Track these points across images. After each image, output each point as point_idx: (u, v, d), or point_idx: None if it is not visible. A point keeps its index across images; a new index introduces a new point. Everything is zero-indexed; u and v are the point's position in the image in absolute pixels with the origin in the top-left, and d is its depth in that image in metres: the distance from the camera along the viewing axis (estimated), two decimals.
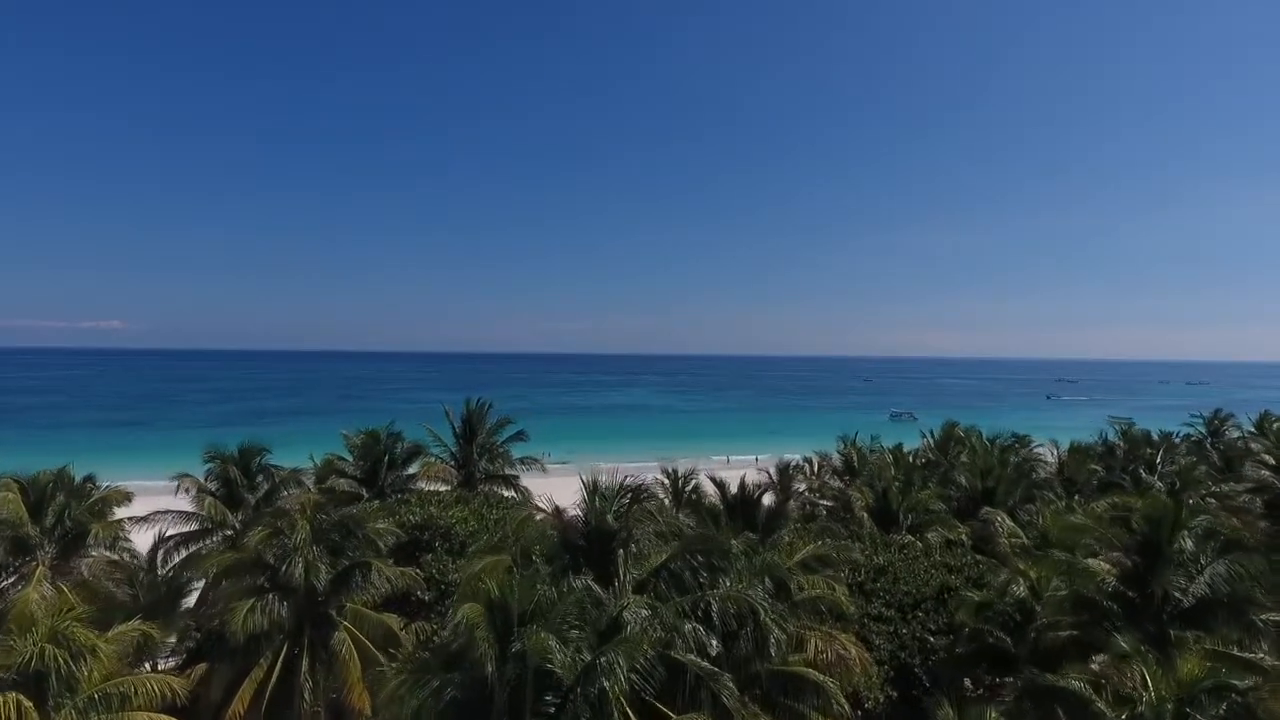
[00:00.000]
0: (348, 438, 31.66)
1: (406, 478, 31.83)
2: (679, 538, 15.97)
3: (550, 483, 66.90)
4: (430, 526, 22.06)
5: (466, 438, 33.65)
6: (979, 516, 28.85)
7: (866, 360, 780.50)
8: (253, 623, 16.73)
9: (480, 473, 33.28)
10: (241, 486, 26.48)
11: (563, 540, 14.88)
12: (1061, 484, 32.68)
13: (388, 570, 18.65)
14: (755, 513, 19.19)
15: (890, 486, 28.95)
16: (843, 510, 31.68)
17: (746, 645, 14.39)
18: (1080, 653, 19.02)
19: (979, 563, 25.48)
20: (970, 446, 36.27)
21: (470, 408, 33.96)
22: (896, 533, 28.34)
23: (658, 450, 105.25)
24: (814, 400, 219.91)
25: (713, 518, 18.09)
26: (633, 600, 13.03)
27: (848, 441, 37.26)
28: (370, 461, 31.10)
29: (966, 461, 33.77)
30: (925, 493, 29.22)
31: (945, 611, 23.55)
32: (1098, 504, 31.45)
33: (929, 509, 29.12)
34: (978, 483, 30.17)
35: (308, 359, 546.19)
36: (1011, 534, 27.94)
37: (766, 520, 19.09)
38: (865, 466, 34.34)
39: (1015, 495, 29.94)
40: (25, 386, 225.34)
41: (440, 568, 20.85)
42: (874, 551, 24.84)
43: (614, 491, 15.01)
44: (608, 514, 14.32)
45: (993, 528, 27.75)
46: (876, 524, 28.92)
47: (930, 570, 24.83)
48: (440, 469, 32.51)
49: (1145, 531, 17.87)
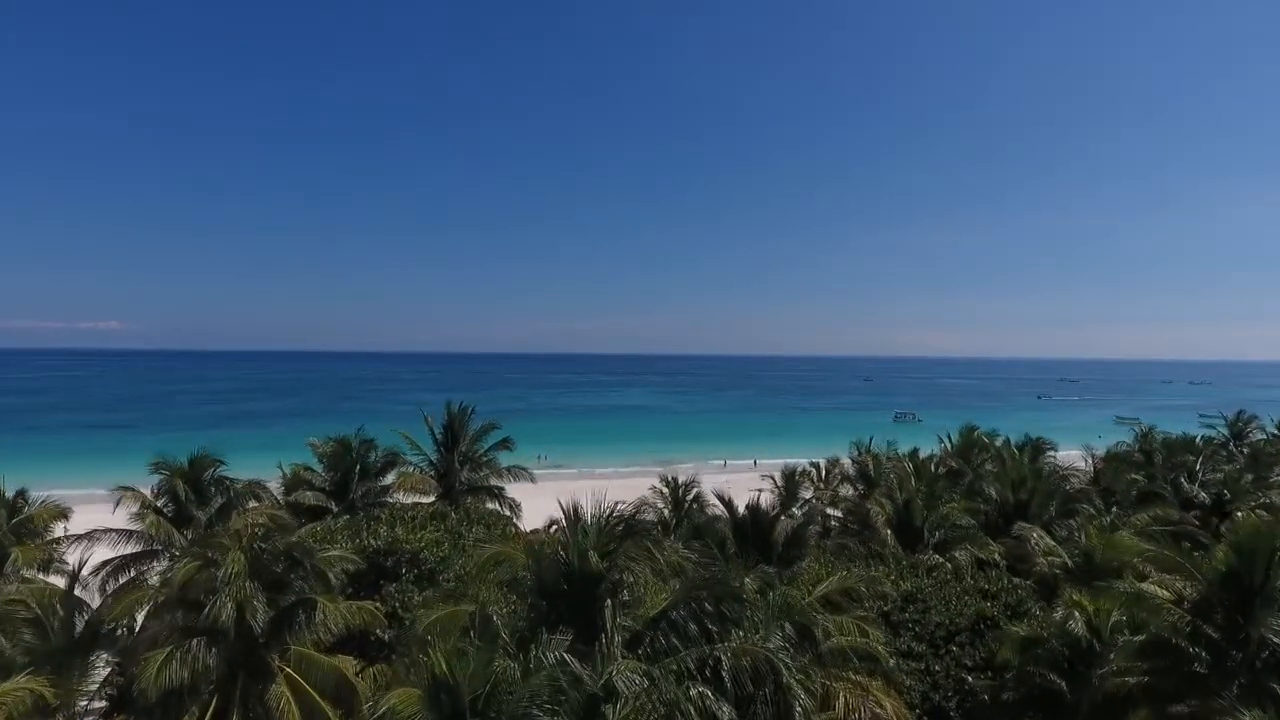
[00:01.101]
0: (315, 446, 28.77)
1: (381, 490, 28.97)
2: (681, 575, 13.16)
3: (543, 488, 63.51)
4: (395, 551, 19.20)
5: (447, 445, 30.76)
6: (1011, 533, 26.02)
7: (866, 360, 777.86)
8: (170, 677, 13.89)
9: (462, 484, 30.40)
10: (190, 503, 23.62)
11: (538, 584, 12.04)
12: (1099, 494, 29.80)
13: (336, 608, 15.76)
14: (770, 536, 16.33)
15: (913, 499, 26.07)
16: (859, 524, 28.86)
17: (765, 712, 11.60)
18: (1152, 702, 16.29)
19: (1016, 587, 22.66)
20: (996, 454, 33.25)
21: (452, 412, 31.05)
22: (921, 551, 25.51)
23: (655, 453, 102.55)
24: (814, 400, 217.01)
25: (719, 544, 15.31)
26: (623, 665, 10.21)
27: (862, 447, 34.29)
28: (340, 472, 28.24)
29: (992, 470, 30.87)
30: (952, 506, 26.36)
31: (983, 645, 20.75)
32: (1138, 517, 28.71)
33: (956, 524, 26.28)
34: (1009, 495, 27.27)
35: (307, 359, 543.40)
36: (1049, 553, 25.13)
37: (784, 547, 16.22)
38: (882, 475, 31.43)
39: (1051, 509, 27.06)
40: (14, 387, 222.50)
41: (405, 600, 18.01)
42: (900, 575, 22.01)
43: (601, 523, 12.16)
44: (592, 553, 11.49)
45: (1028, 546, 24.94)
46: (898, 540, 26.11)
47: (963, 596, 21.99)
48: (418, 480, 29.64)
49: (1235, 561, 15.02)
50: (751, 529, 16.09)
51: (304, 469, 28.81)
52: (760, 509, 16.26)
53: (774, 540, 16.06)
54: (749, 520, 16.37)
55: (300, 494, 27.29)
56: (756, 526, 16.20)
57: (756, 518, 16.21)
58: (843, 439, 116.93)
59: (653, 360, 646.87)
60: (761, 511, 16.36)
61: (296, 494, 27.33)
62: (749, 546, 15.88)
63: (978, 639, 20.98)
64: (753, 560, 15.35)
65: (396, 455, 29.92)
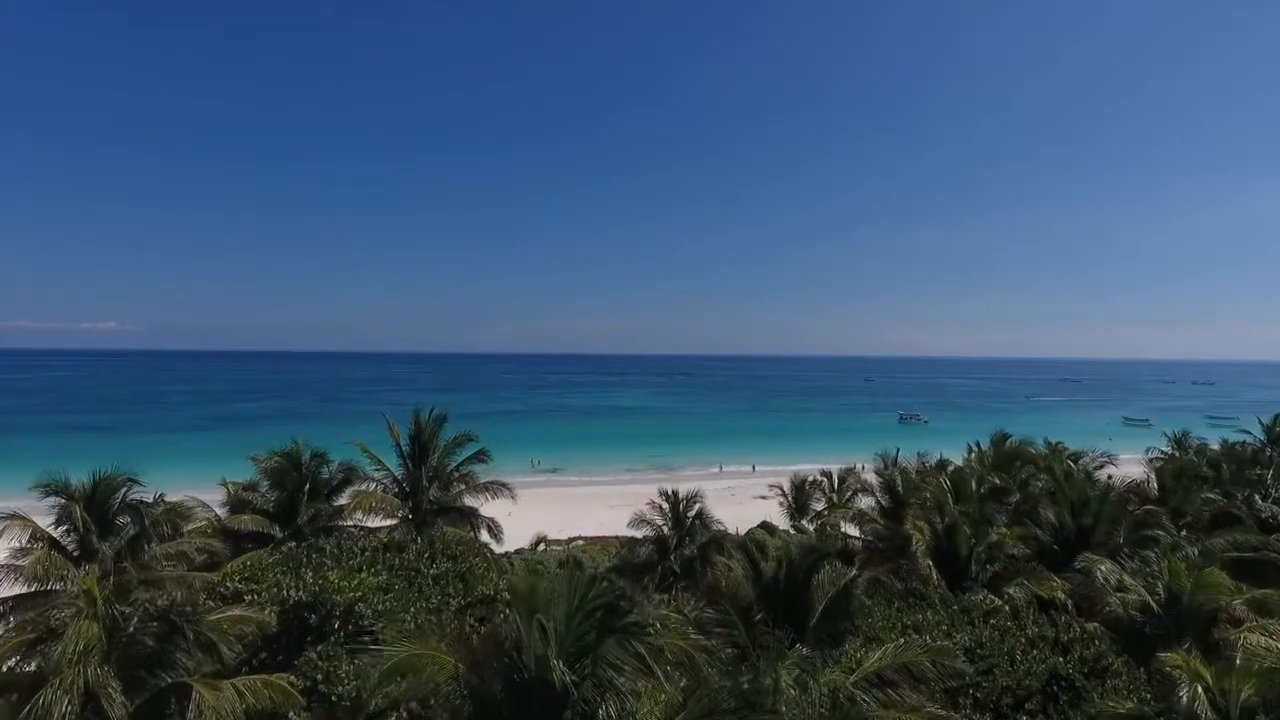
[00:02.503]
0: (257, 460, 24.69)
1: (334, 512, 24.93)
2: (688, 664, 9.16)
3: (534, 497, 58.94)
4: (322, 605, 15.13)
5: (415, 459, 26.65)
6: (1074, 565, 21.96)
7: (865, 360, 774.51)
8: None
9: (431, 503, 26.33)
10: (91, 532, 19.54)
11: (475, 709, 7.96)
12: (1169, 515, 25.72)
13: (217, 696, 11.65)
14: (805, 596, 12.33)
15: (958, 524, 22.01)
16: (889, 548, 24.87)
17: None
18: None
19: (1092, 637, 18.60)
20: (1046, 467, 28.98)
21: (420, 421, 26.89)
22: (969, 587, 21.50)
23: (653, 456, 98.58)
24: (815, 401, 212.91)
25: (742, 611, 11.37)
26: None
27: (889, 460, 30.14)
28: (286, 491, 24.20)
29: (1042, 487, 26.75)
30: (1003, 532, 22.32)
31: (1058, 713, 16.77)
32: (1215, 541, 24.71)
33: (1009, 554, 22.25)
34: (1068, 518, 23.20)
35: (305, 359, 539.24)
36: (1121, 589, 21.10)
37: (826, 612, 12.16)
38: (912, 492, 27.36)
39: (1118, 535, 22.99)
40: (7, 388, 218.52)
41: (330, 671, 13.96)
42: (952, 624, 18.00)
43: (573, 608, 8.04)
44: (557, 664, 7.49)
45: (1099, 583, 20.90)
46: (939, 573, 22.10)
47: (1029, 649, 17.99)
48: (379, 500, 25.53)
49: None
50: (786, 583, 12.14)
51: (245, 487, 24.79)
52: (795, 562, 12.27)
53: (811, 602, 12.13)
54: (778, 578, 12.40)
55: (236, 518, 23.25)
56: (790, 585, 12.24)
57: (791, 569, 12.21)
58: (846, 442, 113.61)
59: (652, 360, 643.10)
60: (797, 563, 12.36)
61: (231, 518, 23.29)
62: (778, 610, 11.98)
63: (1050, 704, 16.99)
64: (785, 634, 11.39)
65: (354, 471, 25.87)
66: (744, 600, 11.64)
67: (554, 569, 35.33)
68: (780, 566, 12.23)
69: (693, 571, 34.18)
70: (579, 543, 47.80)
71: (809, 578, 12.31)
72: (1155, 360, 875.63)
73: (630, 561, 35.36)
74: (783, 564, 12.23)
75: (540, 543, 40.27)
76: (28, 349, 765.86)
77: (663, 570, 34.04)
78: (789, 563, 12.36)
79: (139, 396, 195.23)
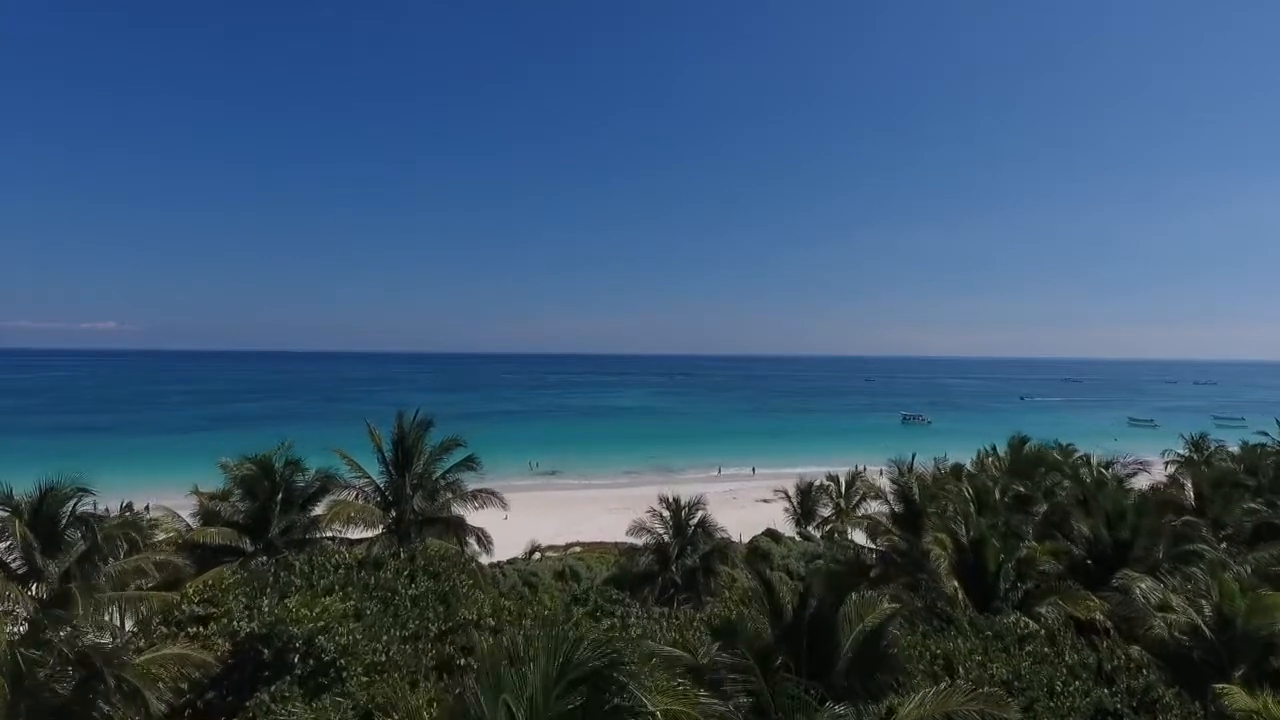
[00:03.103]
0: (227, 467, 22.90)
1: (310, 523, 23.16)
2: None
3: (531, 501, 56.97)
4: (278, 637, 13.31)
5: (398, 466, 24.85)
6: (1111, 583, 20.16)
7: (865, 360, 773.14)
8: None
9: (415, 513, 24.53)
10: (35, 550, 17.76)
11: None
12: (1209, 527, 23.92)
13: None
14: (834, 640, 10.42)
15: (985, 537, 20.20)
16: (910, 564, 23.07)
17: None
18: None
19: (1139, 666, 16.82)
20: (1071, 475, 27.14)
21: (403, 426, 25.07)
22: (998, 607, 19.71)
23: (652, 458, 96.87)
24: (816, 401, 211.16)
25: (760, 657, 9.58)
26: None
27: (903, 466, 28.31)
28: (258, 501, 22.43)
29: (1069, 495, 24.95)
30: (1032, 547, 20.53)
31: None
32: (1259, 554, 22.90)
33: (1041, 569, 20.45)
34: (1103, 531, 21.38)
35: (304, 359, 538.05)
36: (1164, 608, 19.31)
37: (858, 658, 10.28)
38: (930, 501, 25.53)
39: (1158, 550, 21.17)
40: (5, 388, 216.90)
41: (284, 715, 12.17)
42: (986, 653, 16.21)
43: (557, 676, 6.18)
44: None
45: (1139, 602, 19.11)
46: (965, 592, 20.32)
47: (1070, 680, 16.20)
48: (359, 510, 23.74)
49: None
50: (808, 626, 10.30)
51: (212, 497, 23.03)
52: (825, 602, 10.38)
53: (838, 643, 10.28)
54: (801, 614, 10.52)
55: (203, 531, 21.49)
56: (815, 622, 10.38)
57: (821, 612, 10.29)
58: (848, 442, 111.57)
59: (652, 360, 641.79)
60: (824, 606, 10.44)
61: (197, 531, 21.53)
62: (799, 651, 10.18)
63: None
64: (810, 684, 9.59)
65: (333, 479, 24.08)
66: (762, 642, 9.83)
67: (549, 580, 33.64)
68: (803, 600, 10.42)
69: (695, 582, 32.46)
70: (576, 549, 46.12)
71: (835, 612, 10.49)
72: (1155, 360, 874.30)
73: (629, 571, 33.66)
74: (807, 597, 10.42)
75: (535, 551, 38.50)
76: (28, 349, 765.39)
77: (663, 581, 32.33)
78: (817, 603, 10.43)
79: (139, 397, 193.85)
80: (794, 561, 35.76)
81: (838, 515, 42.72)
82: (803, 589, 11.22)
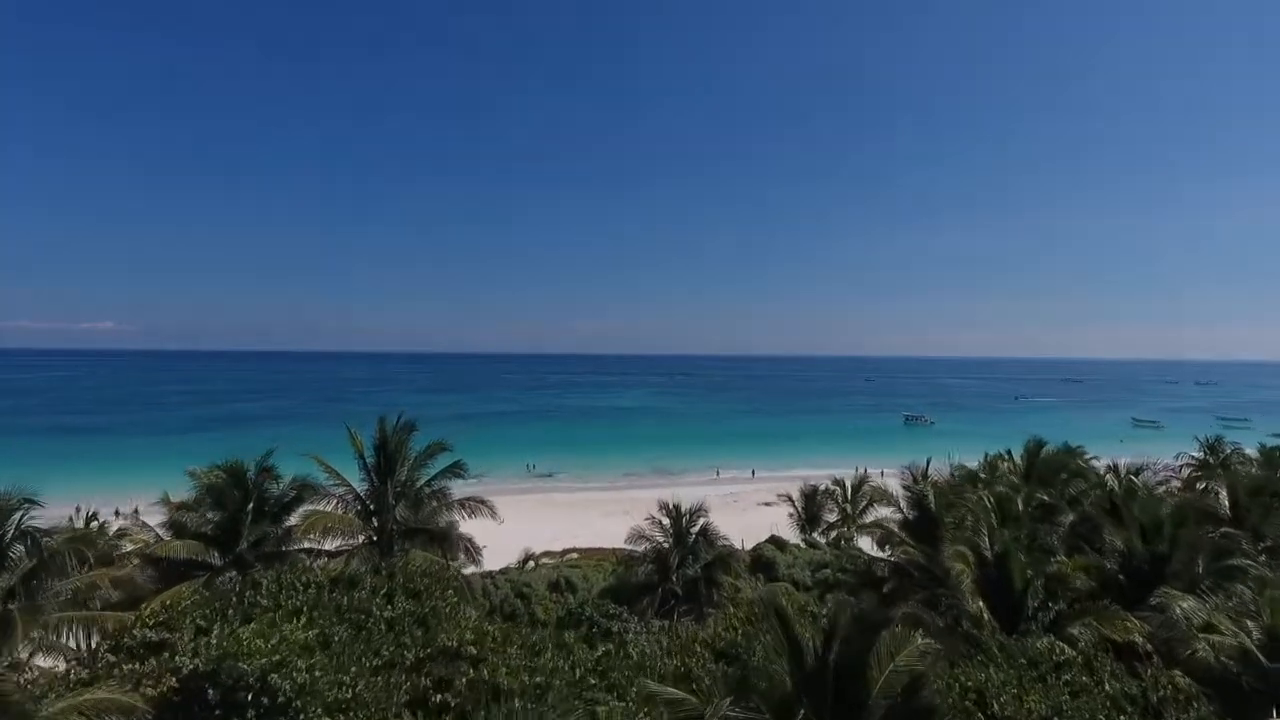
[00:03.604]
0: (195, 475, 21.30)
1: (283, 535, 21.57)
2: None
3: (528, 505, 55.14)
4: (227, 674, 11.72)
5: (380, 473, 23.26)
6: (1149, 601, 18.59)
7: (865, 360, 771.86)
8: None
9: (398, 523, 22.94)
10: None
11: None
12: (1249, 539, 22.34)
13: None
14: (863, 685, 8.88)
15: (1011, 551, 18.63)
16: (927, 579, 21.48)
17: None
18: None
19: (1188, 698, 15.26)
20: (1097, 483, 25.48)
21: (386, 430, 23.47)
22: (1025, 629, 18.14)
23: (651, 459, 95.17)
24: (817, 402, 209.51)
25: (779, 709, 8.09)
26: None
27: (917, 473, 26.66)
28: (228, 512, 20.84)
29: (1097, 503, 23.33)
30: (1065, 562, 18.95)
31: None
32: None
33: (1072, 586, 18.87)
34: (1140, 546, 19.79)
35: (303, 359, 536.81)
36: (1209, 629, 17.74)
37: (891, 713, 8.75)
38: (947, 510, 23.93)
39: (1197, 565, 19.59)
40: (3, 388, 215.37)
41: None
42: (1020, 685, 14.64)
43: None
44: None
45: (1180, 623, 17.55)
46: (990, 610, 18.74)
47: (1115, 713, 14.60)
48: (336, 521, 22.14)
49: None
50: (833, 672, 8.83)
51: (180, 506, 21.43)
52: (852, 644, 8.94)
53: (872, 697, 8.76)
54: (825, 663, 9.03)
55: (166, 544, 19.90)
56: (842, 674, 8.89)
57: (847, 653, 8.83)
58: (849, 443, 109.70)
59: (652, 360, 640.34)
60: (854, 647, 8.97)
61: (160, 544, 19.95)
62: (824, 702, 8.68)
63: None
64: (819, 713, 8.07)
65: (310, 487, 22.47)
66: (780, 694, 8.35)
67: (542, 592, 32.07)
68: (827, 641, 8.93)
69: (696, 593, 30.91)
70: (573, 556, 44.53)
71: (865, 657, 8.95)
72: (1155, 360, 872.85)
73: (628, 582, 32.12)
74: (831, 639, 8.93)
75: (529, 560, 36.91)
76: (27, 349, 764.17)
77: (663, 592, 30.84)
78: (845, 648, 8.93)
79: (137, 397, 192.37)
80: (800, 571, 34.19)
81: (844, 521, 41.08)
82: (827, 628, 9.63)
